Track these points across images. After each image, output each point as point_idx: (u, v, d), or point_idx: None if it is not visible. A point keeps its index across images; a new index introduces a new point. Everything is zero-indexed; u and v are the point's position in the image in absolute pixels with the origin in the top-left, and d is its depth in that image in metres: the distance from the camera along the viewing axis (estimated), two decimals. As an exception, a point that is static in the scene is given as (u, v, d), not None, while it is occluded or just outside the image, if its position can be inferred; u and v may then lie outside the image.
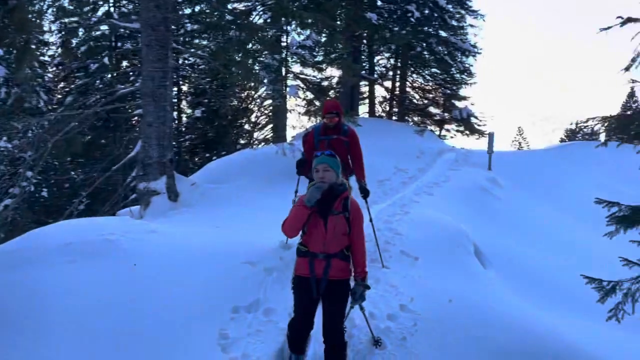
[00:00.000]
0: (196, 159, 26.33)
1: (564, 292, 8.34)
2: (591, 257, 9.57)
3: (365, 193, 6.46)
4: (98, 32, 19.93)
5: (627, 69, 4.66)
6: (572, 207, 13.25)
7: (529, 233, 11.06)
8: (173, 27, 13.56)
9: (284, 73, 17.70)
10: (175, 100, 24.82)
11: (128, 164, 13.05)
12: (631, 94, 42.55)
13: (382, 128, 20.15)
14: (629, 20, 4.39)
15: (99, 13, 18.23)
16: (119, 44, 21.95)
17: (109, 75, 20.36)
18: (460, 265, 7.31)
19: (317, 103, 19.66)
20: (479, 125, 27.13)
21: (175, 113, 25.03)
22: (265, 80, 14.13)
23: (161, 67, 10.56)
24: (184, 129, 26.57)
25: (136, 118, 18.67)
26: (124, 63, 22.97)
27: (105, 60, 20.19)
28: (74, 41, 21.08)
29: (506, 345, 5.16)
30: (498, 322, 5.60)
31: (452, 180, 13.52)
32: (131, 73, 21.47)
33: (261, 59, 13.93)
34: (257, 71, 13.44)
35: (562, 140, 49.11)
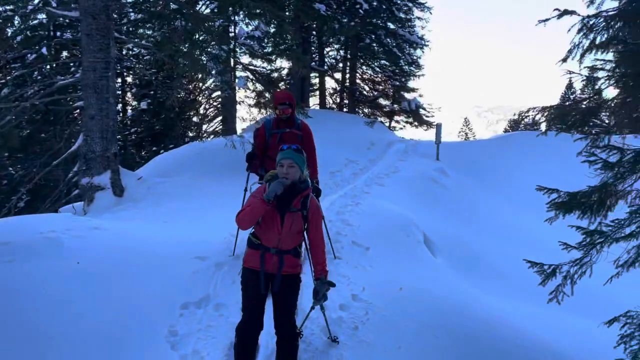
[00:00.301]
0: (143, 153, 25.61)
1: (509, 277, 8.65)
2: (534, 242, 9.95)
3: (317, 192, 6.07)
4: (35, 21, 18.94)
5: (564, 60, 4.83)
6: (516, 194, 13.76)
7: (475, 221, 11.40)
8: (115, 15, 13.05)
9: (232, 64, 17.42)
10: (120, 92, 23.98)
11: (70, 159, 12.51)
12: (569, 85, 44.50)
13: (333, 120, 20.22)
14: (565, 12, 4.54)
15: (36, 0, 17.33)
16: (58, 34, 20.98)
17: (48, 66, 19.45)
18: (410, 254, 7.43)
19: (267, 95, 19.50)
20: (427, 116, 27.71)
21: (119, 105, 24.20)
22: (213, 72, 13.85)
23: (103, 58, 10.17)
24: (129, 122, 25.76)
25: (77, 111, 17.93)
26: (64, 53, 22.00)
27: (44, 50, 19.25)
28: (9, 30, 19.95)
29: (456, 330, 5.29)
30: (448, 308, 5.74)
31: (402, 170, 13.74)
32: (71, 64, 20.58)
33: (209, 49, 13.63)
34: (205, 62, 13.15)
35: (506, 131, 50.88)
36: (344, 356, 4.46)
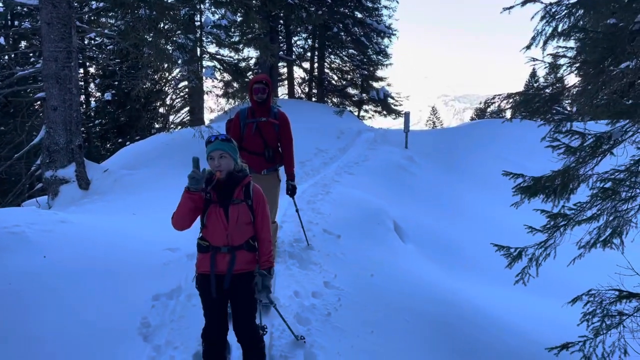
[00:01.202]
0: (108, 145, 25.08)
1: (476, 260, 8.86)
2: (501, 226, 10.20)
3: (292, 191, 5.70)
4: (-8, 10, 18.23)
5: (528, 47, 4.94)
6: (482, 181, 14.05)
7: (443, 207, 11.61)
8: (76, 3, 12.68)
9: (199, 54, 17.15)
10: (82, 82, 23.35)
11: (32, 151, 12.18)
12: (533, 73, 45.42)
13: (302, 109, 20.19)
14: (528, 0, 4.64)
15: (-9, -12, 16.66)
16: (16, 23, 20.27)
17: (6, 57, 18.78)
18: (381, 241, 7.53)
19: (235, 84, 19.30)
20: (395, 105, 27.92)
21: (82, 97, 23.58)
22: (180, 61, 13.63)
23: (65, 47, 9.89)
24: (93, 114, 25.16)
25: (39, 102, 17.41)
26: (22, 43, 21.28)
27: (1, 40, 18.58)
28: (-36, 20, 19.17)
29: (425, 314, 5.40)
30: (418, 293, 5.85)
31: (371, 159, 13.85)
32: (31, 54, 19.94)
33: (174, 38, 13.39)
34: (170, 52, 12.92)
35: (472, 119, 51.68)
36: (317, 342, 4.51)
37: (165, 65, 14.92)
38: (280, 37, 24.87)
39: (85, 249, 5.64)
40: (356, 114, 26.70)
